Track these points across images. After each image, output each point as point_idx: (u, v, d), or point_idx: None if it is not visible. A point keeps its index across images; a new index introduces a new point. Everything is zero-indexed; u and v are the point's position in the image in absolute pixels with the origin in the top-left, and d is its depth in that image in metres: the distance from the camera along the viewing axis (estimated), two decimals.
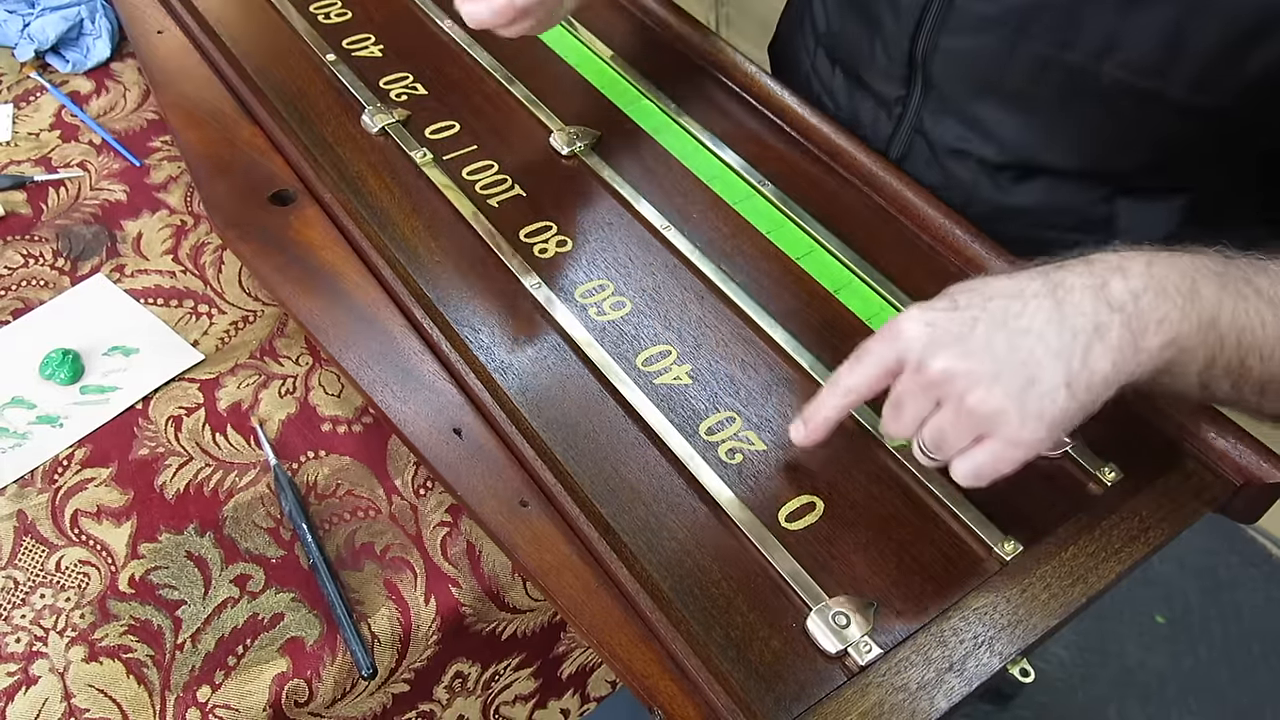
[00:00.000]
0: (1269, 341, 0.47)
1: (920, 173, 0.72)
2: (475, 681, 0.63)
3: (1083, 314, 0.45)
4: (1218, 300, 0.46)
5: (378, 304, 0.64)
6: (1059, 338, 0.44)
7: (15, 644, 0.54)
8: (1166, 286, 0.46)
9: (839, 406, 0.51)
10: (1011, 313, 0.45)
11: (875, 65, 0.72)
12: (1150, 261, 0.46)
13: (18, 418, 0.63)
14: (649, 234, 0.68)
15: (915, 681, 0.47)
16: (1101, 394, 0.45)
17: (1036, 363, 0.44)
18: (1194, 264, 0.47)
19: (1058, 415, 0.44)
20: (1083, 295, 0.45)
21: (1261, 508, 0.57)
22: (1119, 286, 0.45)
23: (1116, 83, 0.59)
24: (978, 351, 0.45)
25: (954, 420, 0.46)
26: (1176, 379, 0.48)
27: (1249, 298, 0.47)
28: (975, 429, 0.46)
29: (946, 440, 0.47)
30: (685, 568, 0.51)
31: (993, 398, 0.44)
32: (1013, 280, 0.47)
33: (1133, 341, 0.45)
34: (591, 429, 0.57)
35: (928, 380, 0.46)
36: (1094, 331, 0.44)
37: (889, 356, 0.48)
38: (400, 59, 0.81)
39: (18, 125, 0.82)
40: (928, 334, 0.46)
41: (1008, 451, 0.45)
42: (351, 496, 0.61)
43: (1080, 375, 0.44)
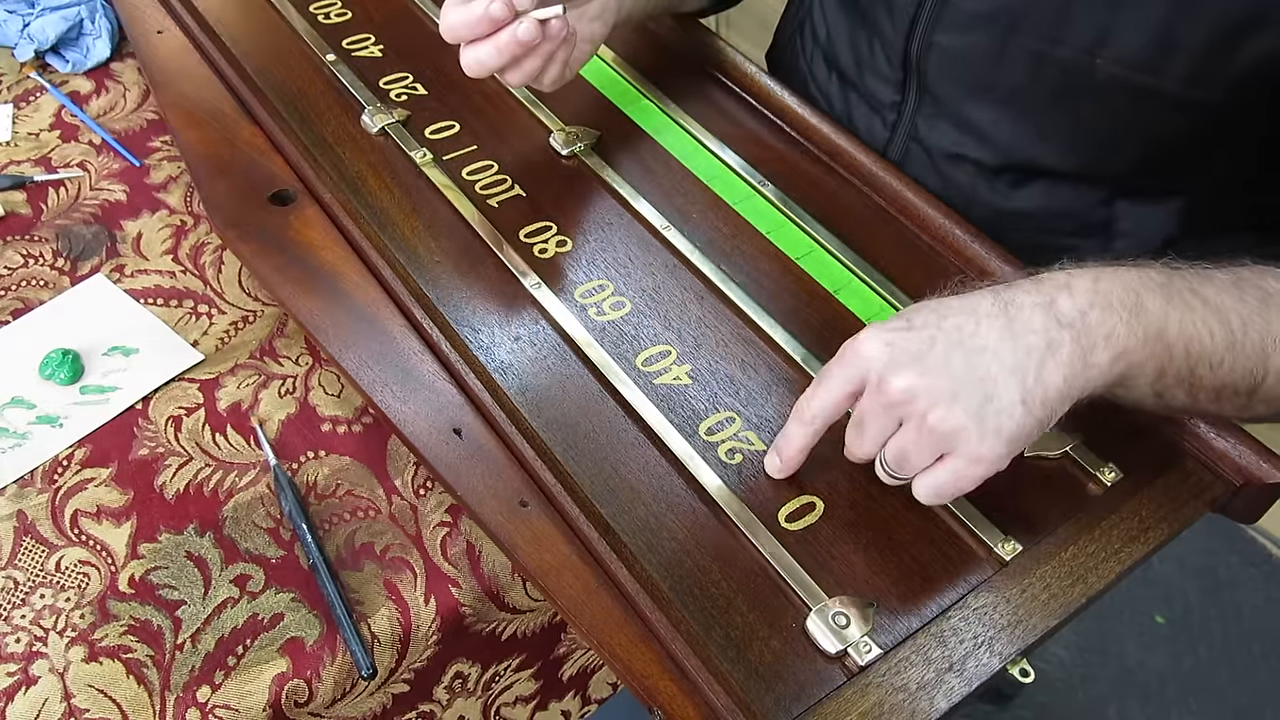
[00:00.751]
0: (1218, 350, 0.48)
1: (918, 178, 0.72)
2: (475, 682, 0.63)
3: (1034, 331, 0.46)
4: (1164, 313, 0.47)
5: (378, 304, 0.64)
6: (1013, 355, 0.45)
7: (15, 644, 0.54)
8: (1112, 301, 0.47)
9: (808, 434, 0.52)
10: (966, 331, 0.46)
11: (872, 69, 0.72)
12: (1096, 278, 0.48)
13: (18, 418, 0.63)
14: (649, 234, 0.68)
15: (915, 681, 0.47)
16: (1055, 409, 0.46)
17: (993, 380, 0.45)
18: (1139, 278, 0.48)
19: (1015, 431, 0.45)
20: (1033, 313, 0.47)
21: (1261, 508, 0.57)
22: (1067, 304, 0.47)
23: (1110, 78, 0.59)
24: (936, 369, 0.46)
25: (915, 439, 0.47)
26: (1130, 390, 0.49)
27: (1195, 308, 0.48)
28: (936, 447, 0.46)
29: (908, 459, 0.47)
30: (685, 568, 0.51)
31: (953, 416, 0.45)
32: (965, 300, 0.48)
33: (1083, 356, 0.46)
34: (591, 429, 0.57)
35: (888, 400, 0.47)
36: (1046, 348, 0.46)
37: (851, 377, 0.48)
38: (400, 59, 0.81)
39: (18, 125, 0.82)
40: (887, 353, 0.47)
41: (968, 469, 0.46)
42: (351, 496, 0.61)
43: (1035, 391, 0.45)
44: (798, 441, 0.52)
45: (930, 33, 0.66)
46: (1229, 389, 0.50)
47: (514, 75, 0.63)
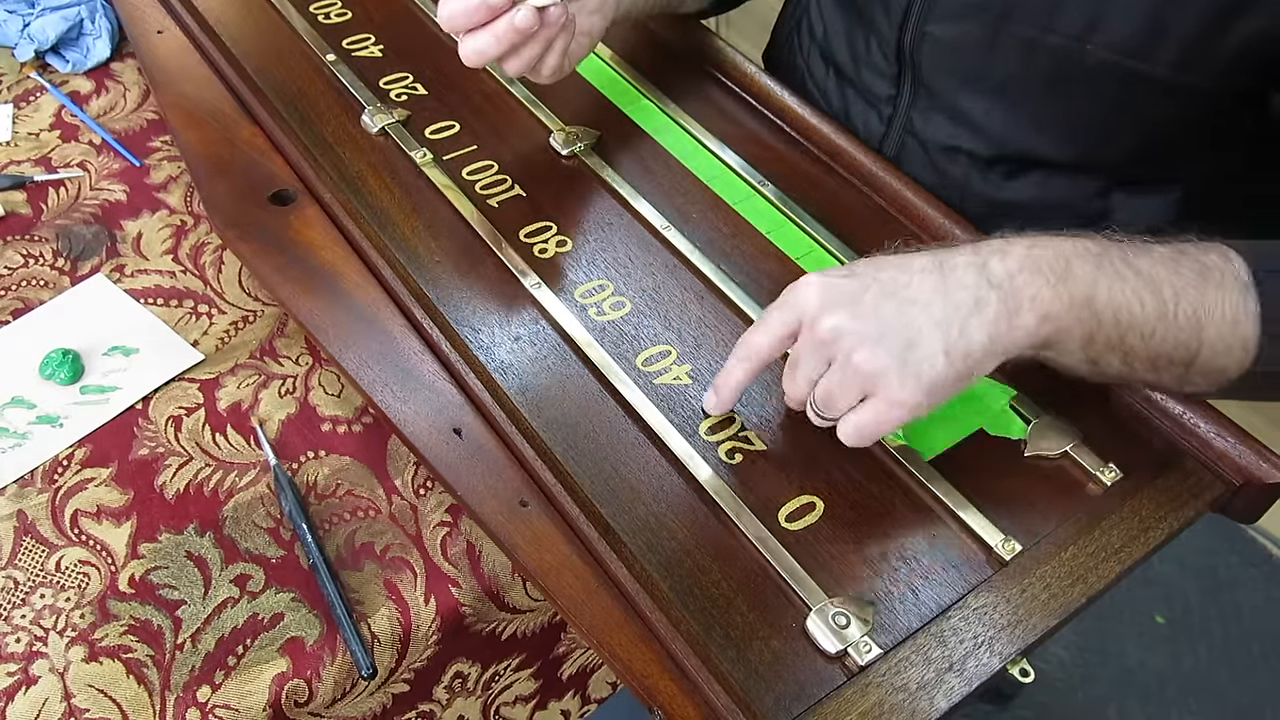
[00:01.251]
0: (1149, 320, 0.50)
1: (914, 173, 0.72)
2: (475, 682, 0.63)
3: (964, 288, 0.48)
4: (1093, 280, 0.49)
5: (378, 304, 0.64)
6: (941, 309, 0.48)
7: (15, 644, 0.54)
8: (1041, 266, 0.49)
9: (747, 370, 0.54)
10: (900, 283, 0.49)
11: (867, 63, 0.73)
12: (1031, 245, 0.50)
13: (18, 418, 0.63)
14: (649, 234, 0.68)
15: (915, 681, 0.47)
16: (978, 364, 0.49)
17: (918, 329, 0.48)
18: (1073, 246, 0.50)
19: (934, 379, 0.48)
20: (965, 272, 0.49)
21: (1261, 508, 0.57)
22: (998, 266, 0.49)
23: (1101, 64, 0.59)
24: (866, 315, 0.48)
25: (841, 378, 0.49)
26: (1062, 354, 0.51)
27: (1128, 278, 0.49)
28: (860, 388, 0.49)
29: (834, 398, 0.50)
30: (685, 568, 0.51)
31: (876, 358, 0.48)
32: (904, 257, 0.51)
33: (1008, 317, 0.48)
34: (591, 429, 0.57)
35: (818, 338, 0.49)
36: (973, 305, 0.48)
37: (789, 318, 0.51)
38: (400, 59, 0.81)
39: (18, 125, 0.82)
40: (822, 296, 0.50)
41: (888, 411, 0.48)
42: (351, 496, 0.61)
43: (958, 344, 0.48)
44: (735, 376, 0.54)
45: (923, 23, 0.66)
46: (1164, 359, 0.51)
47: (513, 64, 0.63)
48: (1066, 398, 0.59)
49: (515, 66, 0.63)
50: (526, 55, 0.63)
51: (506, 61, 0.63)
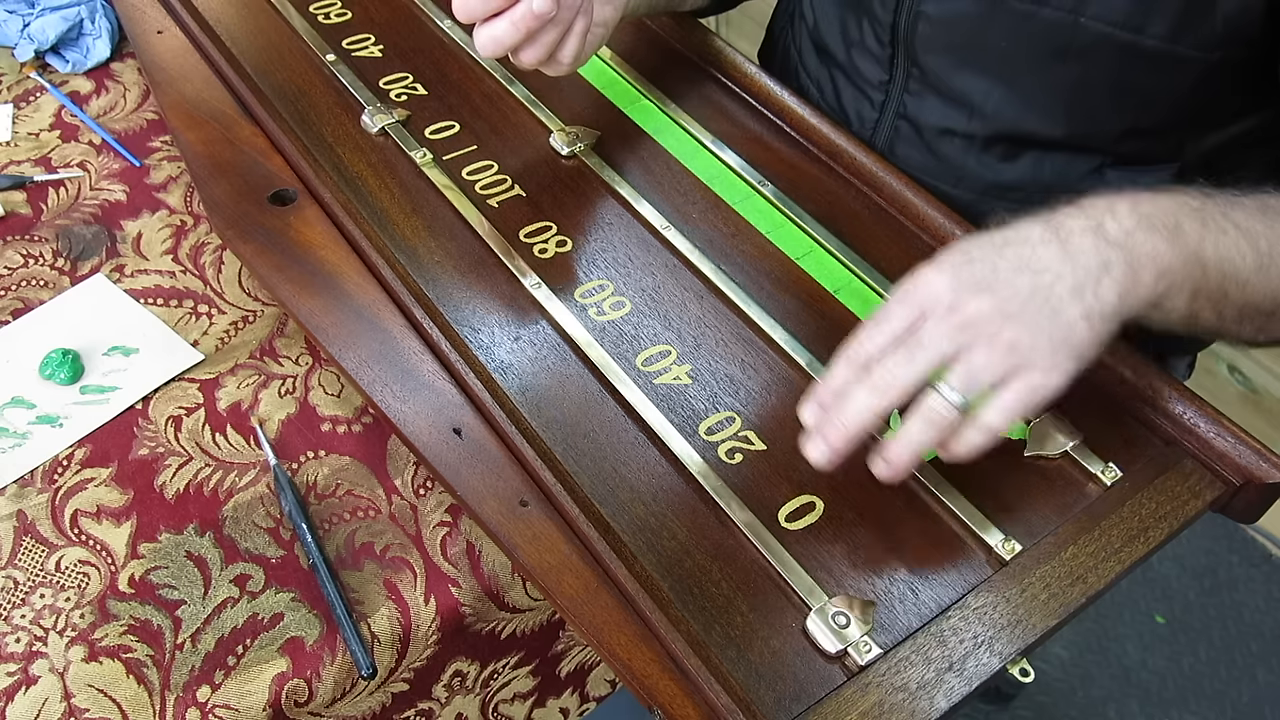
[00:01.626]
0: (1246, 270, 0.51)
1: (909, 157, 0.72)
2: (474, 680, 0.63)
3: (1087, 252, 0.48)
4: (1200, 235, 0.50)
5: (378, 304, 0.64)
6: (1074, 275, 0.48)
7: (15, 644, 0.54)
8: (1155, 223, 0.49)
9: (863, 382, 0.49)
10: (1026, 256, 0.48)
11: (860, 48, 0.73)
12: (1136, 202, 0.50)
13: (18, 418, 0.63)
14: (649, 234, 0.68)
15: (915, 681, 0.47)
16: (1111, 324, 0.49)
17: (1058, 298, 0.47)
18: (1175, 203, 0.51)
19: (1081, 344, 0.48)
20: (1083, 237, 0.49)
21: (1261, 508, 0.57)
22: (1113, 226, 0.49)
23: (1094, 38, 0.59)
24: (1006, 293, 0.47)
25: (988, 358, 0.47)
26: (1166, 311, 0.52)
27: (1228, 231, 0.51)
28: (1008, 364, 0.47)
29: (978, 379, 0.47)
30: (685, 567, 0.51)
31: (1026, 331, 0.47)
32: (1016, 231, 0.50)
33: (1133, 275, 0.48)
34: (591, 429, 0.57)
35: (962, 321, 0.47)
36: (1101, 267, 0.48)
37: (913, 314, 0.49)
38: (400, 59, 0.81)
39: (18, 125, 0.82)
40: (954, 282, 0.48)
41: (1045, 380, 0.47)
42: (351, 496, 0.61)
43: (1095, 307, 0.48)
44: (860, 401, 0.49)
45: (918, 2, 0.66)
46: (1252, 308, 0.53)
47: (530, 53, 0.62)
48: (1067, 398, 0.59)
49: (532, 55, 0.62)
50: (544, 42, 0.61)
51: (523, 51, 0.62)
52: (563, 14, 0.61)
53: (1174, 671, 1.43)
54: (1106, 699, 1.41)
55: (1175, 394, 0.57)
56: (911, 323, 0.48)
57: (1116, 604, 1.49)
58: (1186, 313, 0.52)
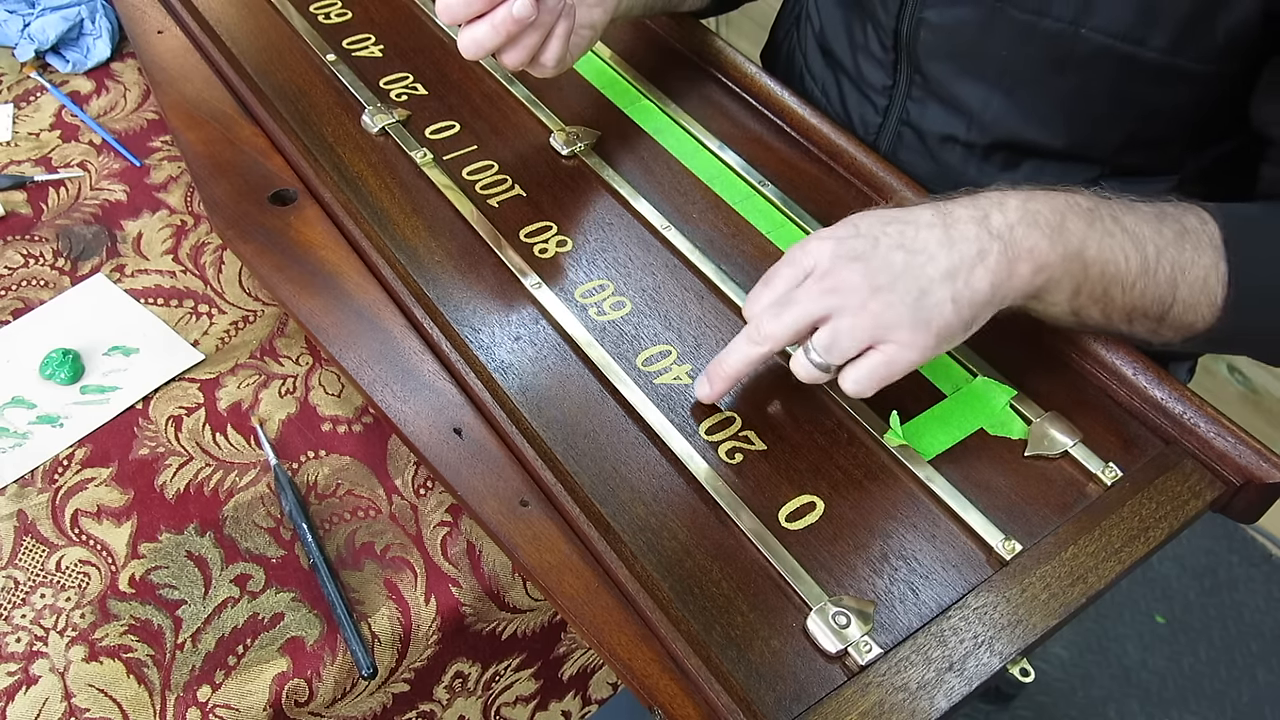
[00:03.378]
0: (1131, 273, 0.53)
1: (911, 163, 0.72)
2: (476, 682, 0.63)
3: (968, 240, 0.51)
4: (1084, 234, 0.52)
5: (378, 304, 0.64)
6: (948, 259, 0.50)
7: (15, 644, 0.54)
8: (1038, 220, 0.51)
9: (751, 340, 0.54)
10: (908, 236, 0.51)
11: (865, 52, 0.73)
12: (1027, 198, 0.52)
13: (18, 418, 0.63)
14: (649, 234, 0.68)
15: (915, 681, 0.47)
16: (980, 312, 0.51)
17: (929, 279, 0.50)
18: (1066, 201, 0.53)
19: (944, 326, 0.50)
20: (968, 225, 0.51)
21: (1261, 508, 0.57)
22: (999, 219, 0.51)
23: (1095, 49, 0.59)
24: (879, 266, 0.50)
25: (853, 325, 0.50)
26: (1048, 305, 0.54)
27: (1115, 234, 0.53)
28: (871, 335, 0.50)
29: (840, 344, 0.51)
30: (685, 567, 0.51)
31: (891, 306, 0.50)
32: (907, 211, 0.53)
33: (1008, 266, 0.51)
34: (591, 429, 0.57)
35: (832, 286, 0.51)
36: (977, 256, 0.50)
37: (797, 276, 0.52)
38: (400, 59, 0.81)
39: (18, 125, 0.82)
40: (834, 249, 0.51)
41: (900, 355, 0.50)
42: (351, 496, 0.61)
43: (964, 293, 0.50)
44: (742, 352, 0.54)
45: (920, 9, 0.66)
46: (1139, 312, 0.55)
47: (512, 55, 0.62)
48: (1066, 398, 0.59)
49: (514, 58, 0.62)
50: (525, 45, 0.62)
51: (505, 53, 0.62)
52: (543, 17, 0.61)
53: (1174, 671, 1.43)
54: (1106, 699, 1.41)
55: (1175, 394, 0.57)
56: (795, 284, 0.52)
57: (1116, 604, 1.49)
58: (1070, 309, 0.54)
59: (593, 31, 0.67)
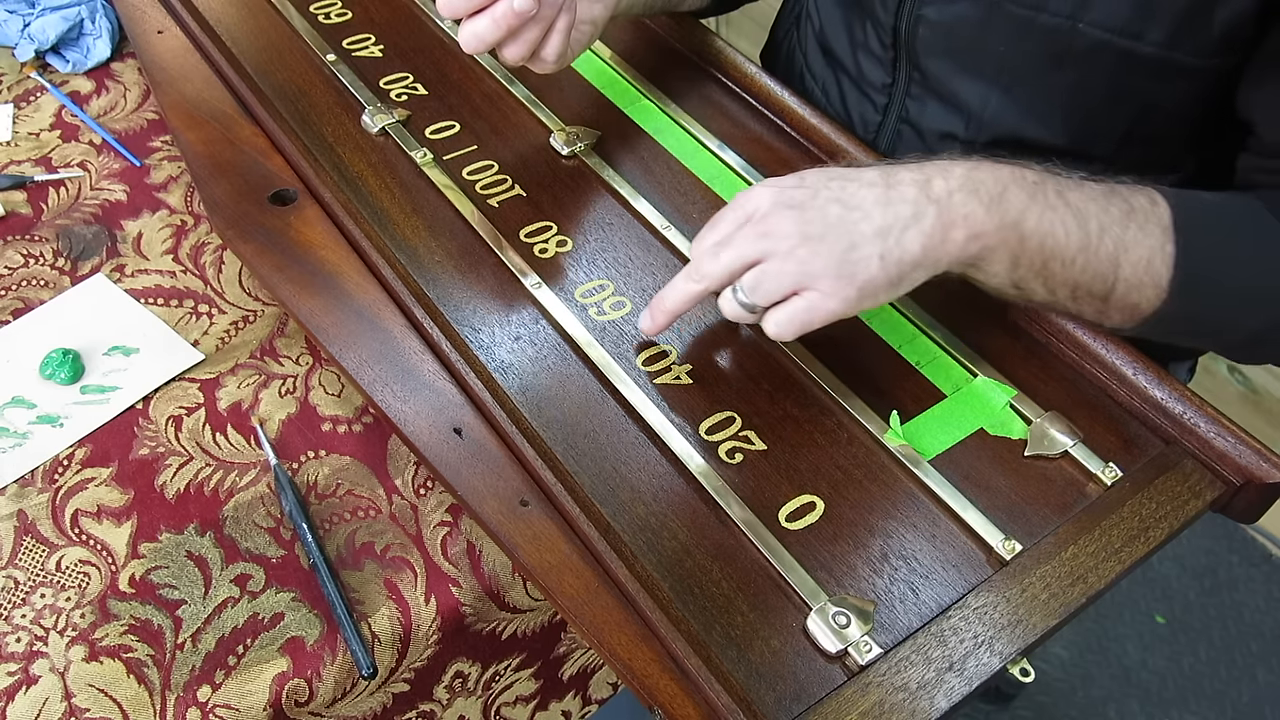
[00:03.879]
0: (1072, 249, 0.53)
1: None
2: (476, 682, 0.63)
3: (905, 202, 0.52)
4: (1024, 206, 0.52)
5: (378, 304, 0.64)
6: (882, 217, 0.51)
7: (15, 644, 0.54)
8: (979, 189, 0.52)
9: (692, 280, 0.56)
10: (848, 192, 0.52)
11: (865, 49, 0.73)
12: (973, 167, 0.53)
13: (18, 418, 0.63)
14: (649, 234, 0.68)
15: (915, 681, 0.47)
16: (909, 272, 0.52)
17: (860, 234, 0.51)
18: (1012, 174, 0.53)
19: (868, 280, 0.51)
20: (909, 187, 0.52)
21: (1261, 508, 0.57)
22: (940, 184, 0.52)
23: (1092, 44, 0.60)
24: (814, 216, 0.52)
25: (779, 269, 0.52)
26: (989, 277, 0.54)
27: (1057, 208, 0.53)
28: (795, 281, 0.52)
29: (765, 287, 0.52)
30: (685, 567, 0.51)
31: (817, 255, 0.51)
32: (855, 170, 0.54)
33: (942, 231, 0.51)
34: (591, 429, 0.57)
35: (764, 230, 0.52)
36: (912, 217, 0.51)
37: (740, 219, 0.54)
38: (400, 59, 0.81)
39: (18, 125, 0.82)
40: (775, 199, 0.53)
41: (821, 303, 0.52)
42: (351, 496, 0.61)
43: (893, 251, 0.51)
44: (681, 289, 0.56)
45: (919, 6, 0.66)
46: (1083, 289, 0.55)
47: (512, 50, 0.63)
48: (1066, 398, 0.59)
49: (515, 52, 0.63)
50: (526, 39, 0.62)
51: (506, 47, 0.63)
52: (544, 11, 0.62)
53: (1174, 671, 1.43)
54: (1106, 699, 1.41)
55: (1175, 394, 0.57)
56: (737, 227, 0.54)
57: (1116, 604, 1.49)
58: (1010, 281, 0.54)
59: (593, 27, 0.67)
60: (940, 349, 0.61)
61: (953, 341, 0.61)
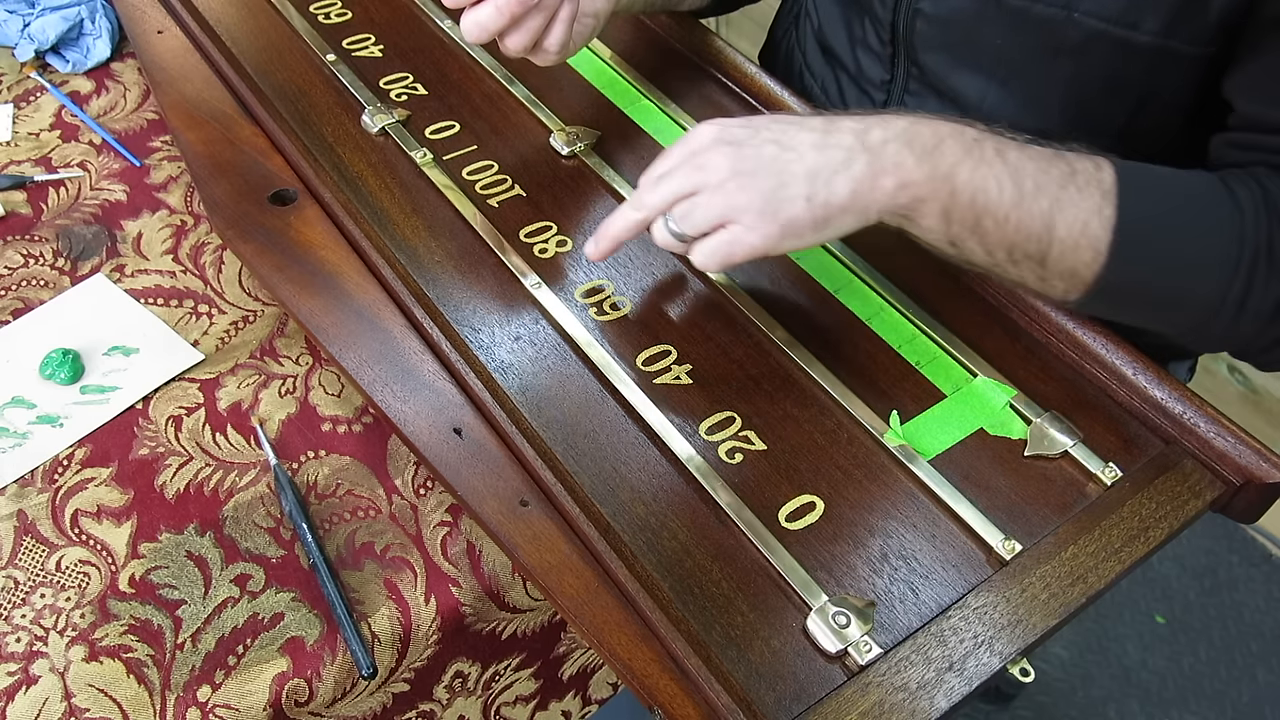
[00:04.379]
0: (1004, 205, 0.53)
1: None
2: (475, 681, 0.63)
3: (840, 147, 0.53)
4: (958, 160, 0.52)
5: (378, 304, 0.64)
6: (814, 159, 0.52)
7: (15, 644, 0.54)
8: (914, 141, 0.53)
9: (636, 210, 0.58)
10: (787, 134, 0.54)
11: (864, 45, 0.73)
12: (914, 121, 0.53)
13: (18, 418, 0.63)
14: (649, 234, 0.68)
15: (915, 681, 0.47)
16: (837, 216, 0.53)
17: (790, 174, 0.52)
18: (952, 129, 0.53)
19: (792, 218, 0.52)
20: (846, 134, 0.53)
21: (1261, 508, 0.57)
22: (877, 134, 0.53)
23: (1088, 34, 0.60)
24: (749, 154, 0.53)
25: (708, 200, 0.53)
26: (925, 232, 0.54)
27: (993, 164, 0.53)
28: (722, 213, 0.53)
29: (694, 217, 0.54)
30: (685, 567, 0.51)
31: (745, 190, 0.52)
32: (803, 117, 0.56)
33: (872, 178, 0.52)
34: (591, 429, 0.57)
35: (700, 163, 0.54)
36: (843, 162, 0.52)
37: (684, 154, 0.55)
38: (400, 59, 0.81)
39: (18, 125, 0.82)
40: (717, 134, 0.54)
41: (745, 236, 0.53)
42: (351, 496, 0.61)
43: (820, 193, 0.52)
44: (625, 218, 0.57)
45: (915, 0, 0.66)
46: (1020, 250, 0.54)
47: (515, 38, 0.63)
48: (1066, 398, 0.59)
49: (517, 41, 0.63)
50: (529, 28, 0.63)
51: (508, 36, 0.63)
52: (547, 0, 0.62)
53: (1174, 671, 1.43)
54: (1106, 699, 1.41)
55: (1175, 394, 0.57)
56: (680, 161, 0.55)
57: (1116, 604, 1.49)
58: (946, 238, 0.54)
59: (595, 20, 0.67)
60: (940, 349, 0.61)
61: (953, 341, 0.61)
